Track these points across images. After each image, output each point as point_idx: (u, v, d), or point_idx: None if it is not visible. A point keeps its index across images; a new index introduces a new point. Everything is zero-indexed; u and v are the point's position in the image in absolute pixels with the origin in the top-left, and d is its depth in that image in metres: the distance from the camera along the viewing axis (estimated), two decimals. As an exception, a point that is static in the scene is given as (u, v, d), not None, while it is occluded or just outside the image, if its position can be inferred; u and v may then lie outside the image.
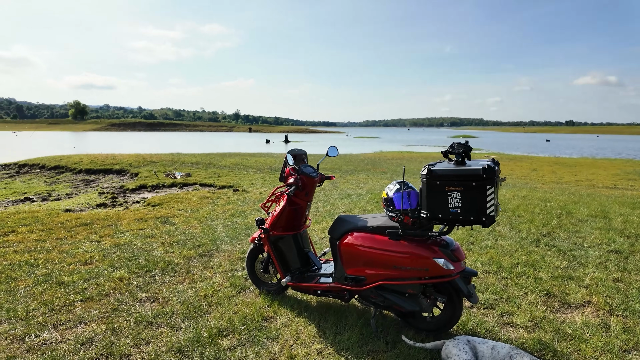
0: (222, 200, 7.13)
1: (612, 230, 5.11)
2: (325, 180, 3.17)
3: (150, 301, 3.14)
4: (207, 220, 5.64)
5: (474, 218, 2.13)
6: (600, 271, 3.72)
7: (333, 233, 2.78)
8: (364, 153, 24.03)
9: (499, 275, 3.61)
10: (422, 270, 2.35)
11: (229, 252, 4.24)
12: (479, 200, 2.10)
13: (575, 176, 13.14)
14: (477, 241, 4.60)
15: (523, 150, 32.39)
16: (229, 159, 15.74)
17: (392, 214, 2.54)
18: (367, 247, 2.52)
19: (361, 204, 6.86)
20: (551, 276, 3.59)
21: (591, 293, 3.26)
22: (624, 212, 6.24)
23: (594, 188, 10.07)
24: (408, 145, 39.59)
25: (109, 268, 3.77)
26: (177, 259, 4.03)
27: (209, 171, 11.71)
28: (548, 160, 20.51)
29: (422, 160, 17.90)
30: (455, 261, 2.34)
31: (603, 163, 18.83)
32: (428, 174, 2.23)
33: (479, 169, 2.07)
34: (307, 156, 3.23)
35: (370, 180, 10.53)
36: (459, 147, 2.25)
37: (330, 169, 13.22)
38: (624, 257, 4.14)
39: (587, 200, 7.47)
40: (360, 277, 2.57)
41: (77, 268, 3.78)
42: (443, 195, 2.18)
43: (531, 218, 5.76)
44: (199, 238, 4.73)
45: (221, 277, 3.58)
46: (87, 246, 4.44)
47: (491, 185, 2.08)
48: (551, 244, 4.56)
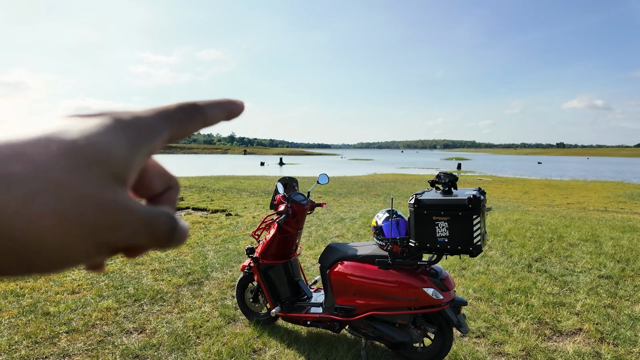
0: (215, 225, 7.09)
1: (602, 255, 5.15)
2: (317, 207, 3.19)
3: (138, 332, 3.08)
4: (198, 246, 5.60)
5: (461, 247, 2.15)
6: (591, 297, 3.73)
7: (323, 261, 2.77)
8: (358, 175, 24.14)
9: (490, 302, 3.60)
10: (412, 300, 2.34)
11: (220, 280, 4.19)
12: (466, 230, 2.12)
13: (567, 199, 13.27)
14: (470, 267, 4.60)
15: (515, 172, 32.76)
16: (223, 182, 15.74)
17: (381, 242, 2.55)
18: (357, 276, 2.52)
19: (354, 228, 6.86)
20: (543, 303, 3.59)
21: (582, 320, 3.25)
22: (614, 236, 6.30)
23: (585, 211, 10.17)
24: (402, 167, 39.91)
25: (97, 297, 3.71)
26: (166, 287, 3.98)
27: (202, 195, 11.68)
28: (540, 182, 20.74)
29: (415, 183, 18.02)
30: (445, 290, 2.34)
31: (594, 185, 19.07)
32: (415, 203, 2.26)
33: (465, 199, 2.11)
34: (298, 184, 3.26)
35: (364, 203, 10.56)
36: (445, 177, 2.29)
37: (324, 191, 13.25)
38: (615, 283, 4.16)
39: (578, 223, 7.54)
40: (351, 307, 2.56)
41: (64, 297, 3.71)
42: (430, 224, 2.21)
43: (523, 242, 5.79)
44: (189, 265, 4.67)
45: (210, 307, 3.53)
46: (76, 274, 4.37)
47: (477, 215, 2.11)
48: (543, 269, 4.58)
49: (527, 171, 34.46)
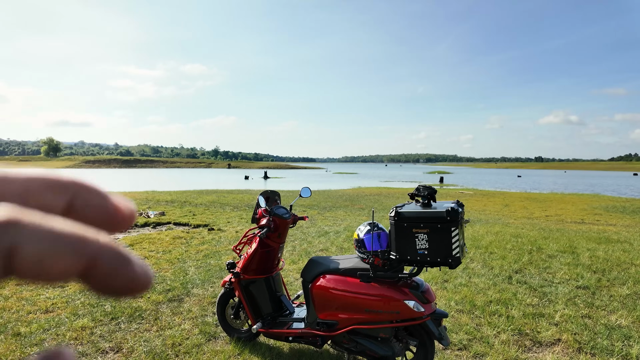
0: (196, 240, 6.98)
1: (580, 266, 5.27)
2: (299, 220, 3.18)
3: (114, 352, 2.97)
4: (179, 262, 5.49)
5: (440, 259, 2.18)
6: (569, 308, 3.80)
7: (305, 275, 2.76)
8: (343, 189, 24.21)
9: (472, 315, 3.63)
10: (394, 313, 2.35)
11: (200, 296, 4.10)
12: (445, 242, 2.15)
13: (545, 211, 13.59)
14: (452, 279, 4.64)
15: (496, 185, 33.43)
16: (206, 197, 15.54)
17: (363, 255, 2.56)
18: (339, 290, 2.51)
19: (338, 241, 6.85)
20: (523, 314, 3.64)
21: (561, 330, 3.30)
22: (590, 247, 6.47)
23: (563, 223, 10.42)
24: (386, 181, 40.25)
25: (72, 316, 3.58)
26: (145, 304, 3.87)
27: (184, 209, 11.51)
28: (519, 195, 21.20)
29: (399, 197, 18.17)
30: (426, 303, 2.35)
31: (571, 198, 19.60)
32: (396, 215, 2.29)
33: (443, 212, 2.15)
34: (281, 197, 3.25)
35: (348, 216, 10.58)
36: (425, 190, 2.33)
37: (308, 205, 13.22)
38: (592, 293, 4.25)
39: (557, 235, 7.72)
40: (333, 322, 2.54)
41: (36, 317, 3.57)
42: (411, 236, 2.23)
43: (503, 254, 5.89)
44: (169, 281, 4.57)
45: (191, 324, 3.45)
46: (50, 292, 4.21)
47: (455, 227, 2.14)
48: (522, 280, 4.65)
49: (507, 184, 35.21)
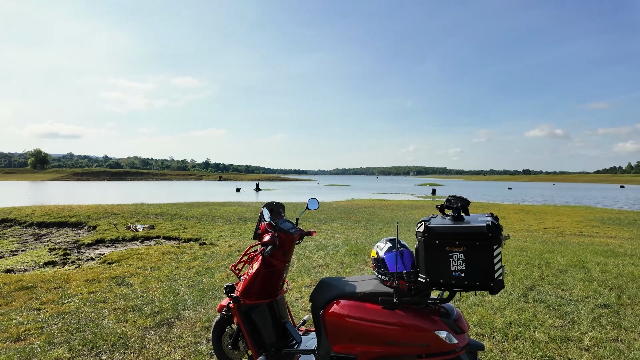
0: (187, 256, 6.56)
1: (594, 282, 5.00)
2: (306, 235, 2.84)
3: (92, 389, 2.57)
4: (168, 280, 5.07)
5: (480, 283, 1.85)
6: (596, 330, 3.50)
7: (316, 300, 2.40)
8: (337, 201, 23.85)
9: (494, 339, 3.30)
10: (423, 346, 2.00)
11: (192, 320, 3.70)
12: (486, 262, 1.83)
13: (542, 223, 13.41)
14: (464, 298, 4.32)
15: (488, 197, 33.43)
16: (197, 209, 15.05)
17: (384, 277, 2.23)
18: (357, 318, 2.16)
19: (338, 256, 6.50)
20: (548, 337, 3.32)
21: (594, 357, 2.99)
22: (599, 261, 6.23)
23: (563, 235, 10.22)
24: (378, 193, 39.99)
25: (46, 345, 3.15)
26: (130, 330, 3.46)
27: (175, 222, 11.04)
28: (513, 207, 21.08)
29: (394, 209, 17.89)
30: (459, 333, 2.02)
31: (565, 210, 19.54)
32: (425, 231, 1.96)
33: (484, 226, 1.83)
34: (285, 209, 2.91)
35: (345, 229, 10.23)
36: (457, 201, 2.02)
37: (303, 218, 12.84)
38: (615, 312, 3.96)
39: (561, 248, 7.48)
40: (349, 356, 2.18)
41: (5, 346, 3.14)
42: (444, 256, 1.91)
43: (512, 270, 5.60)
44: (158, 302, 4.16)
45: (182, 353, 3.05)
46: (24, 316, 3.78)
47: (498, 245, 1.83)
48: (539, 298, 4.35)
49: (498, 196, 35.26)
